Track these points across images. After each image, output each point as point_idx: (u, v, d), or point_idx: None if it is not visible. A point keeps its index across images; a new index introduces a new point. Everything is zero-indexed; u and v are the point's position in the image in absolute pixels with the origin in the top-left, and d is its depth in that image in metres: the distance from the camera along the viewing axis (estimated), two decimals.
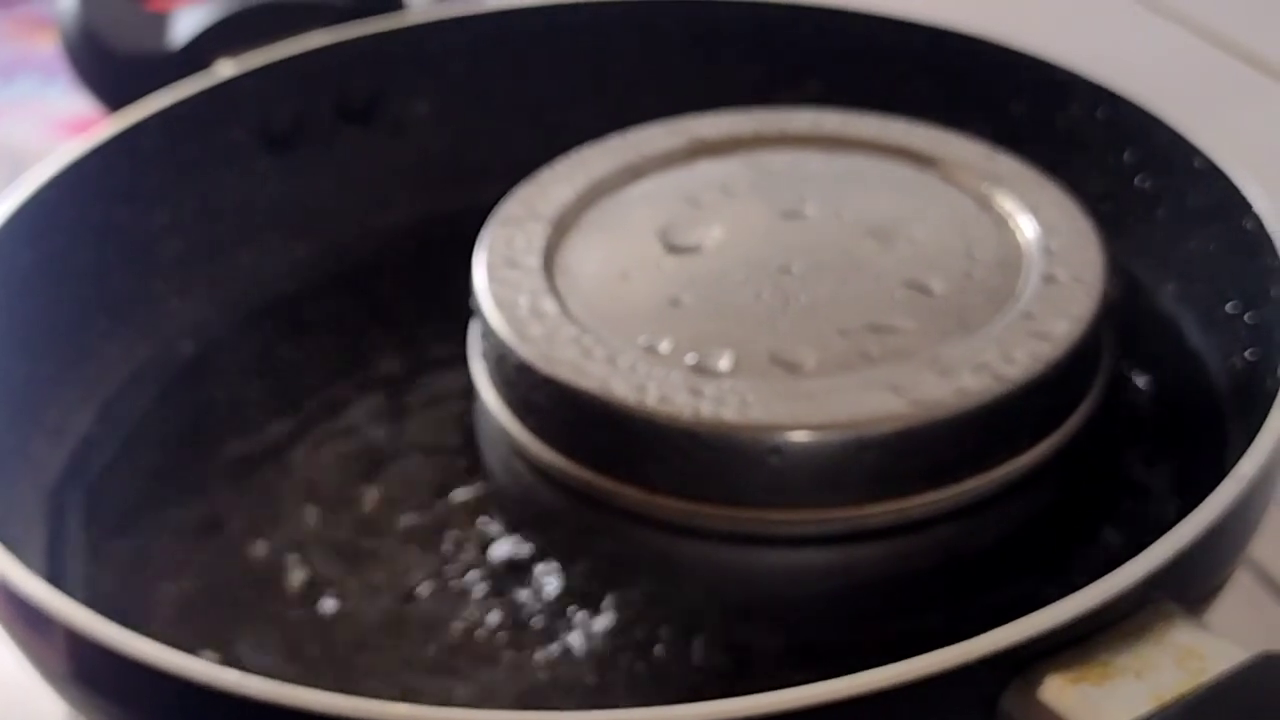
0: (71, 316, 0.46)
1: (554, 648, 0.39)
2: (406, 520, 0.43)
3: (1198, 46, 0.54)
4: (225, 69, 0.51)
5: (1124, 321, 0.42)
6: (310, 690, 0.29)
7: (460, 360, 0.44)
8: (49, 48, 0.91)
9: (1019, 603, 0.31)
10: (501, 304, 0.41)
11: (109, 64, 0.52)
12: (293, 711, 0.29)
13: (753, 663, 0.38)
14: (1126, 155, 0.46)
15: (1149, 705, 0.29)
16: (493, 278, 0.42)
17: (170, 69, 0.51)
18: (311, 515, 0.44)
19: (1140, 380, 0.45)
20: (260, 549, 0.43)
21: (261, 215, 0.51)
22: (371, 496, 0.44)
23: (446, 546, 0.42)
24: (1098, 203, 0.43)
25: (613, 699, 0.37)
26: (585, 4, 0.54)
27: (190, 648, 0.31)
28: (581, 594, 0.40)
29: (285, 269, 0.51)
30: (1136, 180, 0.46)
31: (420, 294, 0.50)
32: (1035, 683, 0.30)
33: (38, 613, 0.33)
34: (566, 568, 0.40)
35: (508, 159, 0.48)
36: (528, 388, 0.39)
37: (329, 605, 0.41)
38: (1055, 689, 0.30)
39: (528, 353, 0.39)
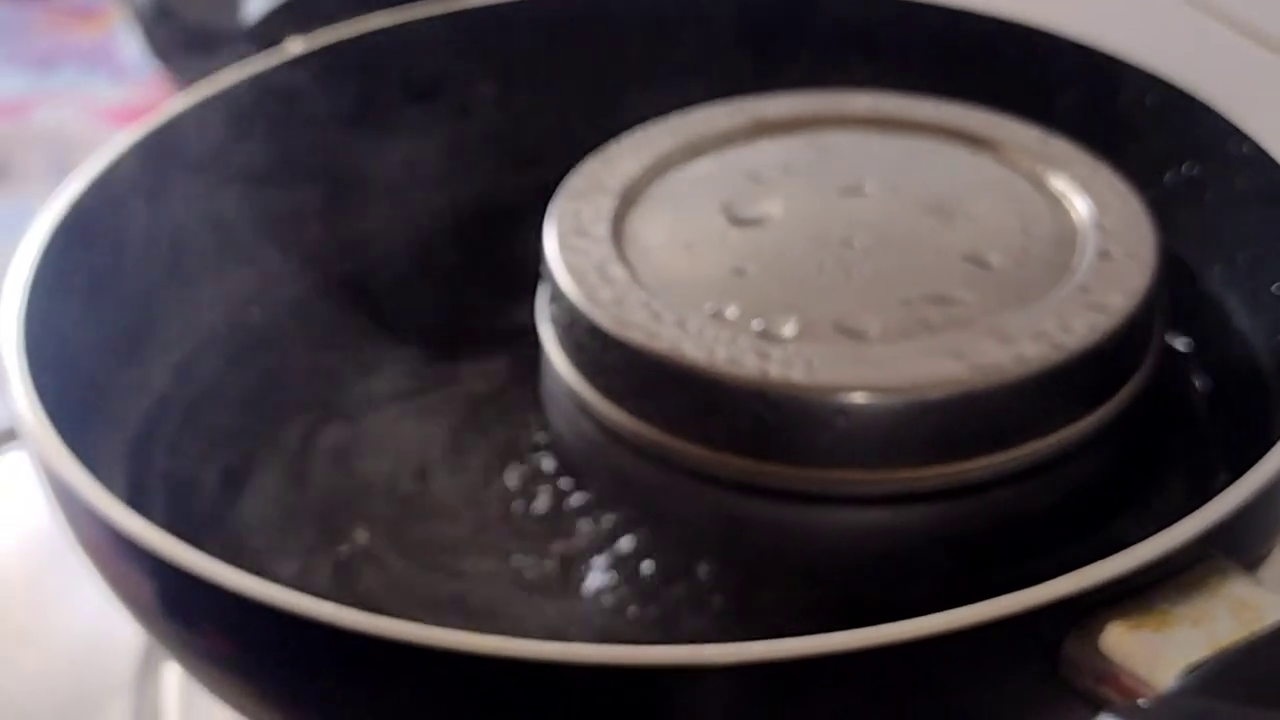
0: (148, 282, 0.47)
1: (620, 602, 0.40)
2: (476, 480, 0.44)
3: (1233, 40, 0.55)
4: (295, 46, 0.53)
5: (1172, 302, 0.43)
6: (409, 623, 0.31)
7: (526, 327, 0.45)
8: (90, 38, 0.92)
9: (1070, 566, 0.32)
10: (572, 269, 0.42)
11: (183, 39, 0.54)
12: (388, 642, 0.31)
13: (814, 616, 0.39)
14: (1175, 141, 0.48)
15: (1206, 651, 0.31)
16: (563, 245, 0.43)
17: (242, 45, 0.53)
18: (379, 476, 0.45)
19: (1189, 358, 0.46)
20: (330, 505, 0.44)
21: (329, 189, 0.52)
22: (439, 458, 0.45)
23: (515, 505, 0.43)
24: (1146, 188, 0.45)
25: None
26: None
27: None
28: (648, 550, 0.41)
29: (352, 241, 0.53)
30: (1184, 166, 0.48)
31: (484, 266, 0.51)
32: (1097, 629, 0.31)
33: (132, 544, 0.34)
34: (634, 525, 0.42)
35: (567, 139, 0.50)
36: (599, 350, 0.41)
37: (397, 566, 0.42)
38: (1116, 635, 0.31)
39: (599, 316, 0.40)
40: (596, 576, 0.41)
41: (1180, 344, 0.46)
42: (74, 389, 0.42)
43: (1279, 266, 0.44)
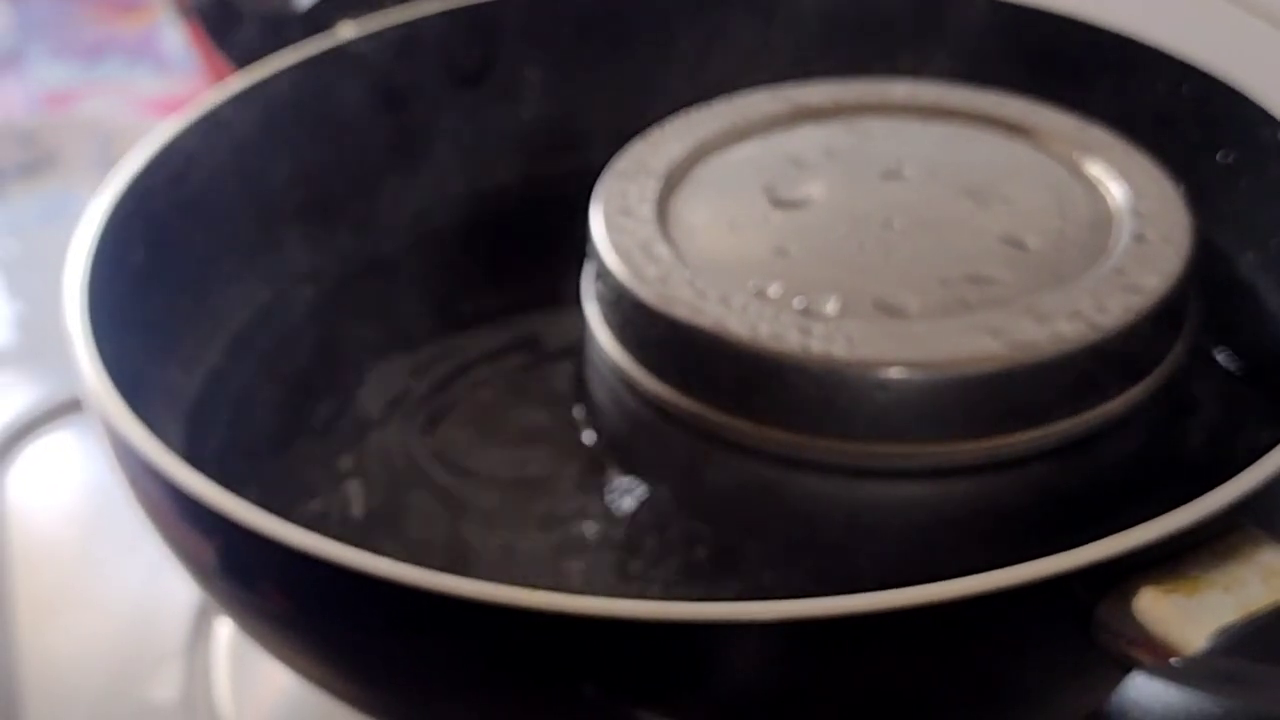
0: (203, 258, 0.49)
1: (662, 575, 0.41)
2: (520, 456, 0.45)
3: (1268, 29, 0.56)
4: (346, 31, 0.54)
5: (1206, 287, 0.44)
6: (466, 579, 0.32)
7: (569, 305, 0.46)
8: (134, 30, 0.94)
9: (1105, 538, 0.33)
10: (618, 248, 0.43)
11: (237, 23, 0.55)
12: (443, 598, 0.32)
13: (853, 586, 0.40)
14: (1210, 129, 0.48)
15: (1237, 616, 0.31)
16: (609, 225, 0.44)
17: (295, 29, 0.54)
18: (424, 451, 0.46)
19: (1221, 341, 0.47)
20: (376, 481, 0.46)
21: (377, 170, 0.54)
22: (484, 433, 0.47)
23: (559, 479, 0.44)
24: (1181, 174, 0.45)
25: None
26: None
27: None
28: (691, 522, 0.42)
29: (400, 222, 0.54)
30: (1219, 154, 0.48)
31: (529, 247, 0.52)
32: (1130, 594, 0.32)
33: (193, 501, 0.35)
34: (676, 497, 0.43)
35: (613, 123, 0.51)
36: (643, 326, 0.42)
37: (443, 535, 0.44)
38: (1149, 599, 0.32)
39: (645, 293, 0.41)
40: (639, 547, 0.42)
41: (1213, 329, 0.47)
42: (132, 361, 0.43)
43: None
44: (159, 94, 0.88)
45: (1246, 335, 0.47)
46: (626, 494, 0.43)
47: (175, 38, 0.85)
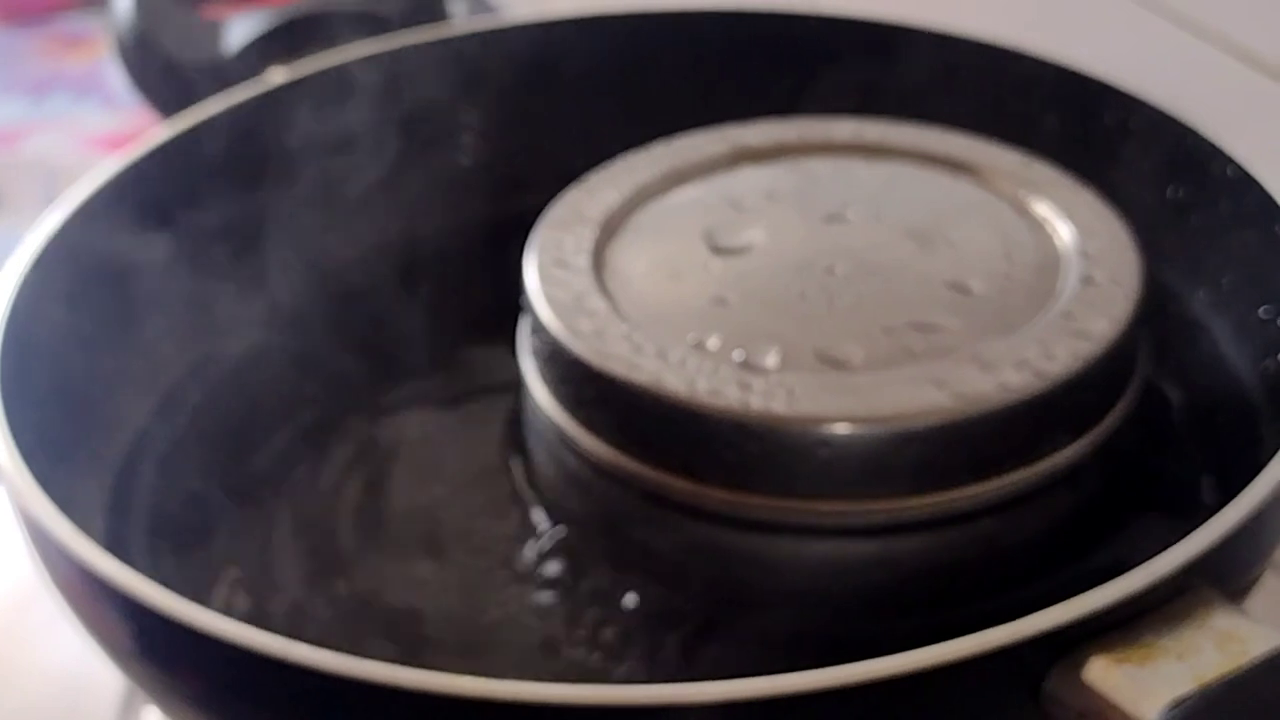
0: (129, 314, 0.47)
1: (602, 637, 0.40)
2: (455, 513, 0.44)
3: (1218, 62, 0.55)
4: (277, 76, 0.53)
5: (1157, 328, 0.43)
6: (387, 665, 0.30)
7: (507, 359, 0.45)
8: (81, 66, 0.92)
9: (1057, 594, 0.32)
10: (553, 302, 0.42)
11: (164, 71, 0.53)
12: (366, 685, 0.31)
13: (799, 649, 0.38)
14: (1159, 165, 0.47)
15: (1190, 685, 0.30)
16: (544, 277, 0.43)
17: (224, 76, 0.53)
18: (360, 509, 0.45)
19: (1174, 384, 0.46)
20: (310, 541, 0.44)
21: (311, 219, 0.52)
22: (420, 491, 0.45)
23: (496, 539, 0.43)
24: (1130, 212, 0.44)
25: None
26: (626, 16, 0.55)
27: None
28: (630, 584, 0.41)
29: (334, 272, 0.52)
30: (1168, 190, 0.47)
31: (465, 297, 0.51)
32: (1080, 663, 0.31)
33: (107, 587, 0.34)
34: (615, 558, 0.41)
35: (549, 168, 0.50)
36: (579, 382, 0.40)
37: (379, 596, 0.42)
38: (1100, 669, 0.31)
39: (580, 348, 0.40)
40: (577, 609, 0.41)
41: (1166, 371, 0.46)
42: (54, 424, 0.42)
43: (1264, 290, 0.44)
44: (106, 130, 0.86)
45: (1199, 378, 0.46)
46: (563, 554, 0.42)
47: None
